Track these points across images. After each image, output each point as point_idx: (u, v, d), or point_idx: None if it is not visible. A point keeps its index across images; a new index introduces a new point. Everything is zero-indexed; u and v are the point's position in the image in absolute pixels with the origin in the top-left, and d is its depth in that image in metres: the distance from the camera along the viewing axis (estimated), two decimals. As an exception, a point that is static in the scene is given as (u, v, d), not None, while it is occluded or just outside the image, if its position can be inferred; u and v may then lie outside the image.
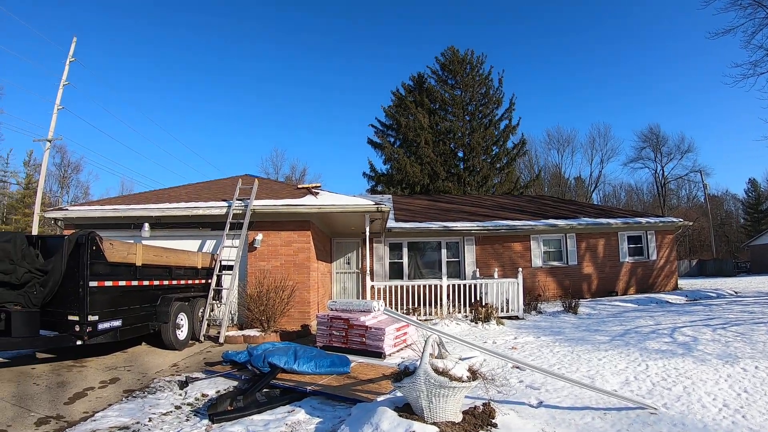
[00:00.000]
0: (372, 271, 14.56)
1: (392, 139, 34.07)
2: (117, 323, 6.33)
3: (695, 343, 7.12)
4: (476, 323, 9.85)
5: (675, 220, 17.93)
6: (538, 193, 37.15)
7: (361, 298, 13.69)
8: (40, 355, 6.52)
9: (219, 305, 9.40)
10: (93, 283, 5.89)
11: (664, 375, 5.48)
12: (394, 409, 3.78)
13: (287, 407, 4.69)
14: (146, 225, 9.85)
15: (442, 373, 3.65)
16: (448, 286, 10.85)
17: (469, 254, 15.63)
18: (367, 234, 11.13)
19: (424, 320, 9.93)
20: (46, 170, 21.43)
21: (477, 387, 3.93)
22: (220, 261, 9.50)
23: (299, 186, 12.10)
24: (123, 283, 6.56)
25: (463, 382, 3.66)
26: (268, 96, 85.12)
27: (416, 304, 10.75)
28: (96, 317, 5.88)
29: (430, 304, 10.78)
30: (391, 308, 8.85)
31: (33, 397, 4.85)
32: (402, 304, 10.75)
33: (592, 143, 51.69)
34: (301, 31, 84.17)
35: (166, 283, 7.74)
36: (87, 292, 5.78)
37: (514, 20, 77.02)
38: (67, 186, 43.33)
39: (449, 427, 3.57)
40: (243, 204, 10.00)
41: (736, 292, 15.70)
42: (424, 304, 10.75)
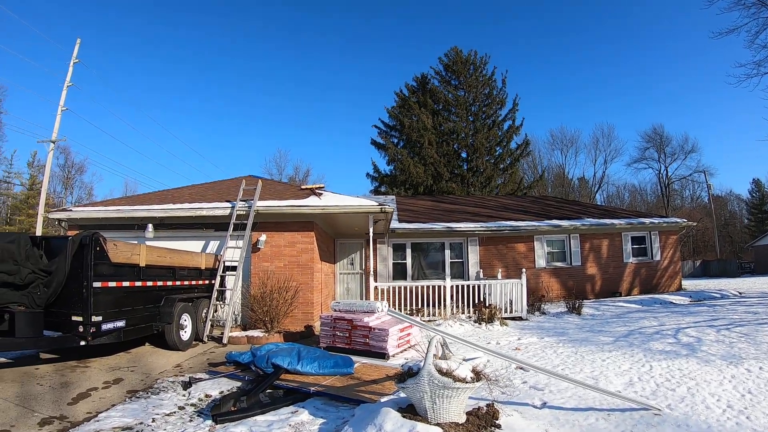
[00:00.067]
0: (375, 271, 14.58)
1: (396, 140, 34.10)
2: (120, 324, 6.34)
3: (699, 343, 7.08)
4: (480, 324, 9.83)
5: (679, 220, 17.87)
6: (542, 193, 37.04)
7: (365, 299, 13.70)
8: (43, 356, 6.54)
9: (222, 306, 9.41)
10: (97, 284, 5.90)
11: (668, 376, 5.45)
12: (398, 410, 3.78)
13: (291, 408, 4.69)
14: (150, 226, 9.88)
15: (446, 374, 3.64)
16: (451, 286, 10.83)
17: (473, 255, 15.61)
18: (370, 235, 11.14)
19: (428, 321, 9.92)
20: (50, 171, 21.54)
21: (481, 388, 3.92)
22: (223, 262, 9.51)
23: (303, 187, 12.11)
24: (127, 284, 6.57)
25: (466, 383, 3.65)
26: (271, 96, 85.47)
27: (420, 305, 10.74)
28: (100, 318, 5.89)
29: (433, 305, 10.77)
30: (395, 309, 8.88)
31: (36, 397, 4.86)
32: (405, 305, 10.75)
33: (595, 144, 51.64)
34: (303, 31, 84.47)
35: (169, 283, 7.76)
36: (91, 292, 5.79)
37: (514, 20, 77.05)
38: (70, 187, 43.52)
39: (453, 428, 3.56)
40: (246, 205, 10.02)
41: (740, 293, 15.63)
42: (428, 305, 10.74)
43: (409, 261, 15.47)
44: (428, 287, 10.84)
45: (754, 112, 66.83)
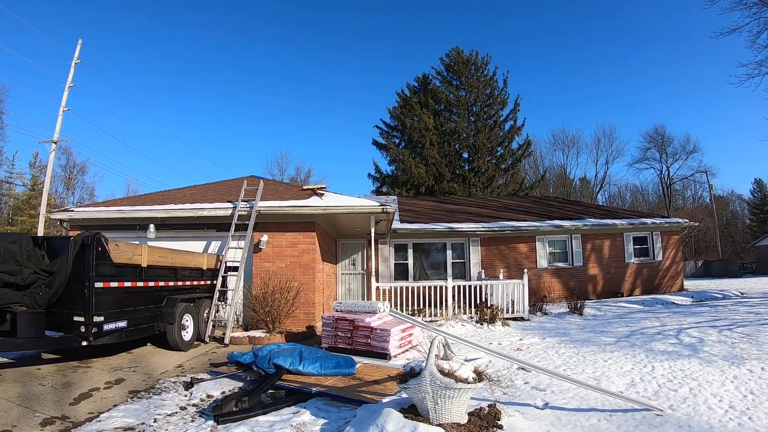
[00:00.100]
0: (377, 272, 14.58)
1: (397, 140, 34.12)
2: (122, 324, 6.35)
3: (701, 344, 7.07)
4: (481, 324, 9.82)
5: (680, 220, 17.86)
6: (543, 194, 37.05)
7: (367, 299, 13.70)
8: (45, 356, 6.55)
9: (224, 306, 9.42)
10: (98, 284, 5.90)
11: (670, 376, 5.44)
12: (400, 411, 3.78)
13: (292, 408, 4.69)
14: (151, 226, 9.89)
15: (448, 374, 3.63)
16: (453, 287, 10.83)
17: (475, 255, 15.60)
18: (372, 235, 11.14)
19: (430, 321, 9.92)
20: (52, 171, 21.56)
21: (482, 388, 3.92)
22: (225, 262, 9.51)
23: (304, 187, 12.12)
24: (128, 284, 6.58)
25: (468, 383, 3.64)
26: (272, 96, 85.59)
27: (421, 306, 10.74)
28: (101, 318, 5.90)
29: (435, 306, 10.76)
30: (397, 309, 8.87)
31: (38, 397, 4.87)
32: (407, 306, 10.74)
33: (597, 144, 51.56)
34: (304, 31, 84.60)
35: (171, 284, 7.76)
36: (92, 293, 5.80)
37: (515, 19, 77.02)
38: (72, 187, 43.66)
39: (455, 428, 3.56)
40: (248, 205, 10.03)
41: (742, 293, 15.59)
42: (430, 305, 10.74)
43: (410, 261, 15.46)
44: (430, 288, 10.84)
45: (756, 112, 66.80)
